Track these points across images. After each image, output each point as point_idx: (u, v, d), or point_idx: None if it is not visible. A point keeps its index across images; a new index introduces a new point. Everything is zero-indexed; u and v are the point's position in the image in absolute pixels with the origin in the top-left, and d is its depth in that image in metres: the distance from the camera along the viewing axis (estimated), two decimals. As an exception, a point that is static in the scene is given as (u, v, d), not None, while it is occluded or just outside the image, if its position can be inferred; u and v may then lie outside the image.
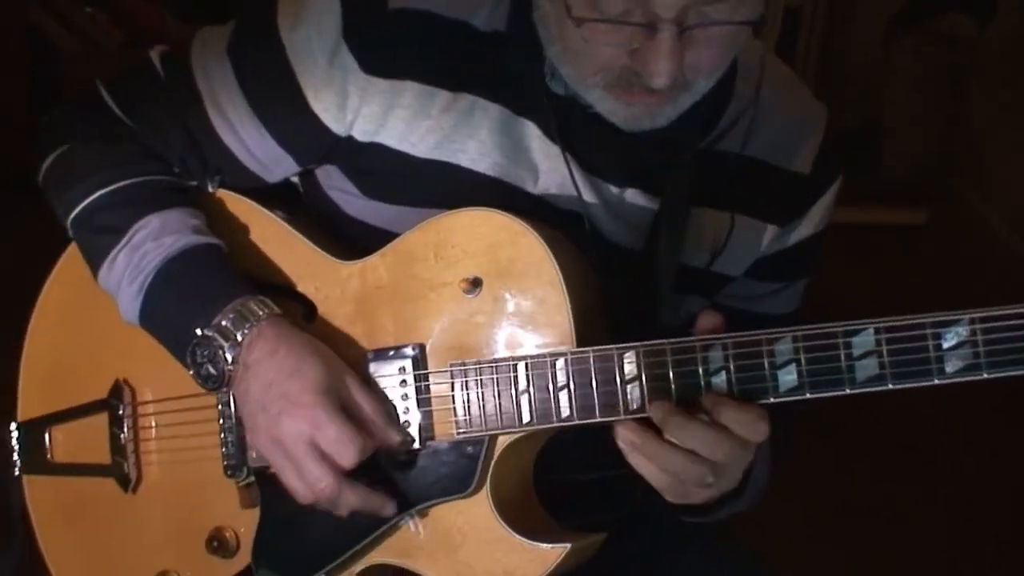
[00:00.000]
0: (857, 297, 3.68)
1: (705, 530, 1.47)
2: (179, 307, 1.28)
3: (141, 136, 1.35)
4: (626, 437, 1.15)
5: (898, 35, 4.06)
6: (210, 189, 1.38)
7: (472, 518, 1.25)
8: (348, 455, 1.20)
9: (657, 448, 1.14)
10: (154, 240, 1.30)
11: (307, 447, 1.20)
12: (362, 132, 1.31)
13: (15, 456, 1.51)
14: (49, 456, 1.49)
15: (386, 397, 1.27)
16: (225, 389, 1.27)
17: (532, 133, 1.31)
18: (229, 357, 1.24)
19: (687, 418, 1.13)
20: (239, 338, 1.24)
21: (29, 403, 1.51)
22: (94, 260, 1.34)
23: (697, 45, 1.14)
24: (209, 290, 1.27)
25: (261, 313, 1.25)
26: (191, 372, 1.27)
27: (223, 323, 1.24)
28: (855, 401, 1.11)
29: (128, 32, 3.82)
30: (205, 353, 1.25)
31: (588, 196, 1.32)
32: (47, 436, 1.49)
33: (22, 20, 3.77)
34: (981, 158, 3.80)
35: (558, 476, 1.34)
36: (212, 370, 1.25)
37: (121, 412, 1.42)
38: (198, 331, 1.25)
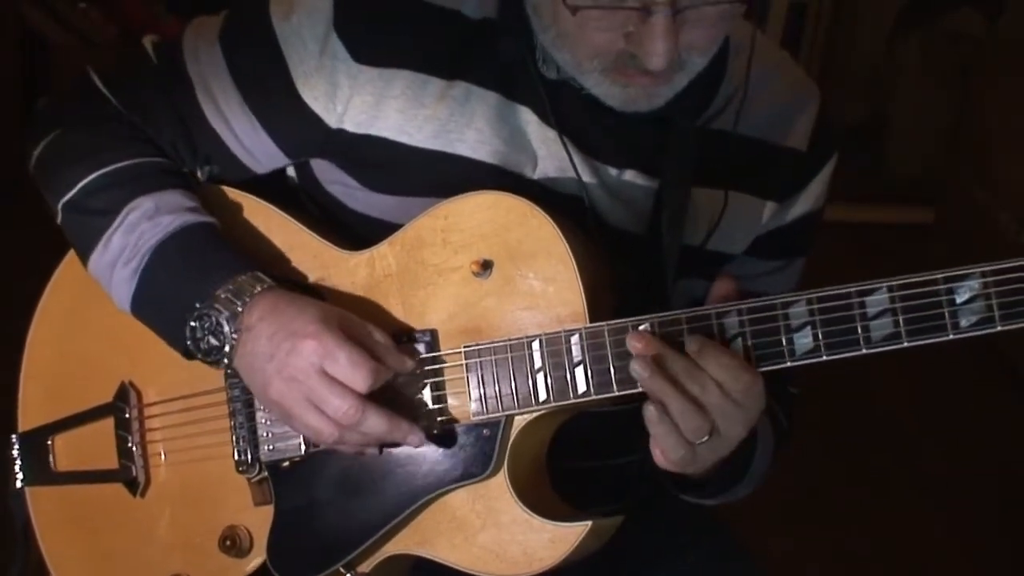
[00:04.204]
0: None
1: (699, 526, 1.54)
2: (176, 284, 1.33)
3: (133, 121, 1.41)
4: (640, 374, 1.21)
5: (904, 32, 4.14)
6: (200, 178, 1.43)
7: (490, 501, 1.31)
8: (362, 377, 1.24)
9: (668, 389, 1.20)
10: (149, 220, 1.34)
11: (320, 377, 1.25)
12: (355, 124, 1.37)
13: (17, 468, 1.55)
14: (53, 466, 1.53)
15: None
16: (227, 362, 1.31)
17: (528, 119, 1.37)
18: (231, 327, 1.28)
19: (687, 359, 1.20)
20: (239, 308, 1.28)
21: (30, 413, 1.55)
22: (86, 244, 1.38)
23: (691, 25, 1.20)
24: (207, 267, 1.32)
25: (259, 286, 1.30)
26: (189, 345, 1.31)
27: (222, 295, 1.29)
28: (840, 397, 1.17)
29: (121, 27, 3.89)
30: (206, 325, 1.29)
31: (587, 179, 1.38)
32: (50, 445, 1.53)
33: (15, 15, 3.83)
34: (989, 156, 3.86)
35: (559, 464, 1.40)
36: (214, 341, 1.29)
37: (127, 415, 1.47)
38: (197, 305, 1.30)
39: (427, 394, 1.32)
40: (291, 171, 1.52)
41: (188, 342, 1.31)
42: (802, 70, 1.52)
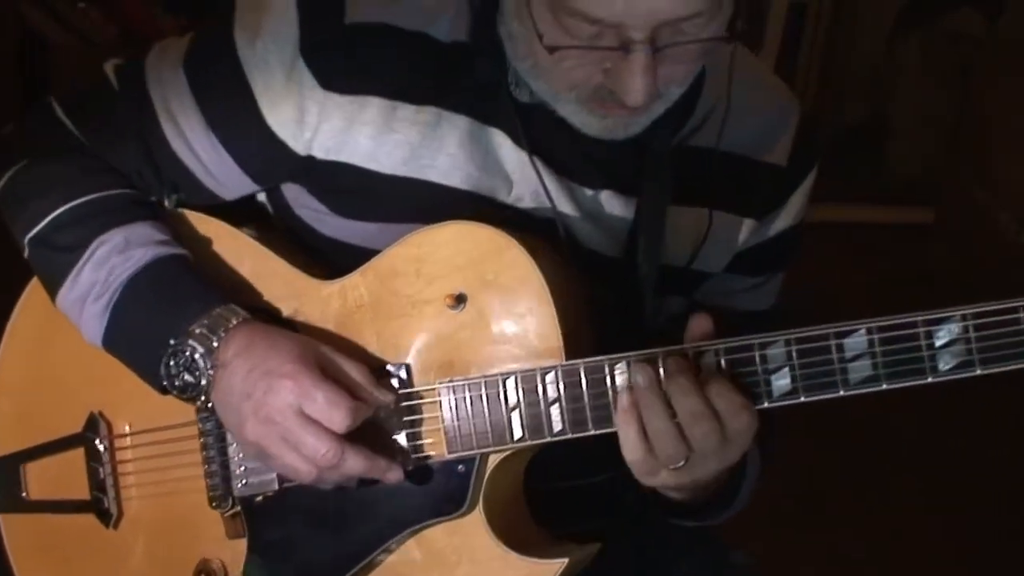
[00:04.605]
0: (864, 298, 3.73)
1: (690, 535, 1.51)
2: (149, 320, 1.31)
3: (96, 150, 1.38)
4: (636, 378, 1.17)
5: (904, 32, 4.12)
6: (167, 205, 1.40)
7: (467, 537, 1.29)
8: (339, 417, 1.21)
9: (655, 401, 1.16)
10: (120, 254, 1.32)
11: (297, 418, 1.22)
12: (324, 150, 1.34)
13: (-11, 495, 1.52)
14: (25, 494, 1.50)
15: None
16: (204, 399, 1.29)
17: (501, 142, 1.34)
18: (207, 363, 1.26)
19: (692, 379, 1.16)
20: (214, 343, 1.26)
21: (1, 439, 1.52)
22: (54, 279, 1.36)
23: (670, 61, 1.17)
24: (181, 300, 1.30)
25: (234, 319, 1.28)
26: (165, 384, 1.29)
27: (197, 330, 1.27)
28: (834, 400, 1.15)
29: (121, 27, 3.87)
30: (181, 362, 1.27)
31: (562, 201, 1.35)
32: (22, 473, 1.50)
33: (15, 15, 3.81)
34: (989, 156, 3.84)
35: (544, 484, 1.37)
36: (189, 378, 1.27)
37: (98, 446, 1.44)
38: (172, 341, 1.27)
39: (402, 430, 1.29)
40: (262, 196, 1.49)
41: (164, 381, 1.29)
42: (781, 81, 1.49)
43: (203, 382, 1.27)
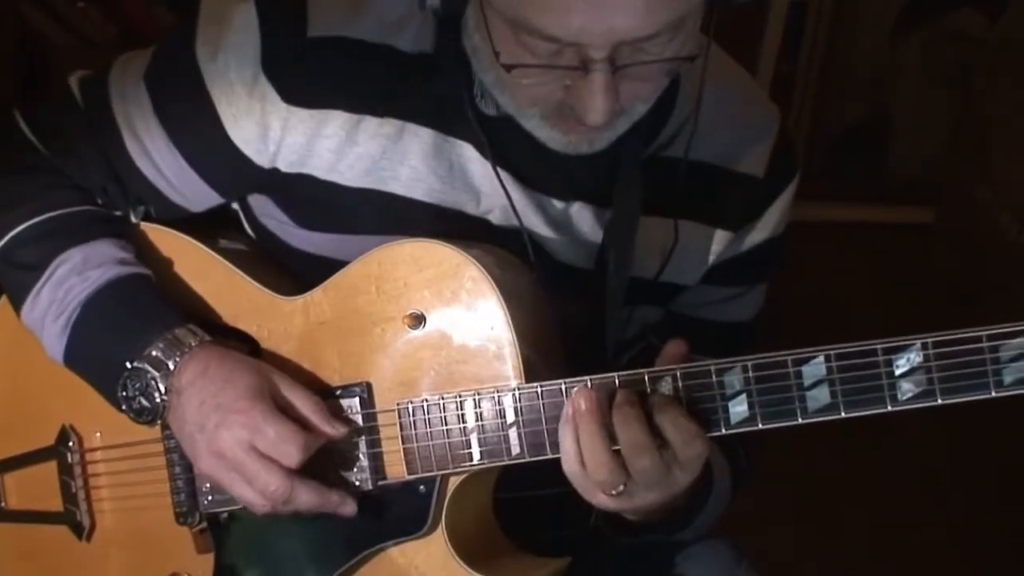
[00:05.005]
0: (864, 298, 3.68)
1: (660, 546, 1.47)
2: (107, 341, 1.29)
3: (59, 166, 1.36)
4: (578, 402, 1.14)
5: (905, 32, 4.07)
6: (133, 219, 1.38)
7: (429, 557, 1.26)
8: (291, 453, 1.20)
9: (593, 428, 1.13)
10: (78, 275, 1.30)
11: (248, 453, 1.21)
12: (288, 164, 1.31)
13: (-34, 504, 1.51)
14: (3, 503, 1.50)
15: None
16: (160, 422, 1.28)
17: (469, 155, 1.31)
18: (162, 387, 1.25)
19: (637, 411, 1.13)
20: (171, 367, 1.25)
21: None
22: (17, 297, 1.35)
23: (632, 79, 1.13)
24: (138, 322, 1.28)
25: (192, 341, 1.26)
26: (123, 407, 1.28)
27: (154, 353, 1.25)
28: None
29: (121, 27, 3.85)
30: (137, 386, 1.26)
31: (532, 214, 1.32)
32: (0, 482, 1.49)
33: (15, 15, 3.80)
34: (989, 156, 3.79)
35: (519, 493, 1.34)
36: (145, 403, 1.26)
37: (69, 460, 1.42)
38: (128, 364, 1.26)
39: (362, 449, 1.27)
40: (235, 203, 1.46)
41: (122, 404, 1.28)
42: (760, 89, 1.45)
43: (159, 408, 1.26)
